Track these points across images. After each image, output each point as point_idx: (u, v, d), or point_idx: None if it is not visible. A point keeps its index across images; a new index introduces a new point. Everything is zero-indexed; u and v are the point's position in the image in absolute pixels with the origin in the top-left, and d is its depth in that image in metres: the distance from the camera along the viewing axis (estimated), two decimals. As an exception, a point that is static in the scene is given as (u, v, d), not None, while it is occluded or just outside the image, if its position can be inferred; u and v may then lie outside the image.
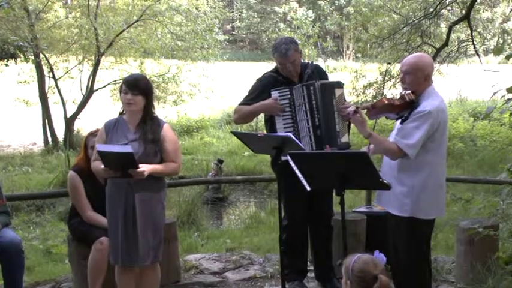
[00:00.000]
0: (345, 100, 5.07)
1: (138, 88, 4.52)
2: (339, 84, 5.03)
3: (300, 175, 4.21)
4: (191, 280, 5.86)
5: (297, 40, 5.27)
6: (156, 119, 4.66)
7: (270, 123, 5.19)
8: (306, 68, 5.23)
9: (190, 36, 19.13)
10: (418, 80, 4.25)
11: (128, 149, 4.34)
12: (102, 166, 4.42)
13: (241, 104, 5.29)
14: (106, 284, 4.93)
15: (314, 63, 5.48)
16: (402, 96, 4.29)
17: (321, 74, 5.27)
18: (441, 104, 4.24)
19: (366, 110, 4.38)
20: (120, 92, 4.61)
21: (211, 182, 11.92)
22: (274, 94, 5.04)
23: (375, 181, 3.87)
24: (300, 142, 4.80)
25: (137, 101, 4.52)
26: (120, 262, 4.58)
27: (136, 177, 4.40)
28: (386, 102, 4.34)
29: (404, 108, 4.27)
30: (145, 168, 4.40)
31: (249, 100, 5.24)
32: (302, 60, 5.30)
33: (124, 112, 4.68)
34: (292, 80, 5.16)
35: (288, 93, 5.01)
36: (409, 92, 4.26)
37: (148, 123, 4.58)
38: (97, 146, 4.45)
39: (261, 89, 5.22)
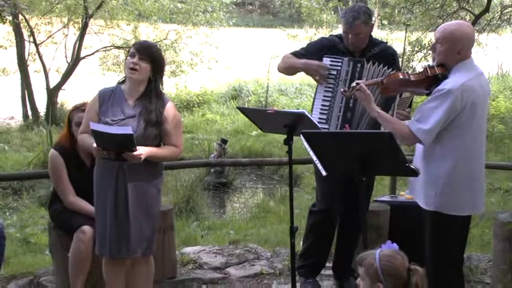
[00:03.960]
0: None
1: (147, 53, 4.52)
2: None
3: (314, 158, 4.22)
4: (188, 276, 5.89)
5: (370, 12, 5.24)
6: (161, 97, 4.63)
7: None
8: (374, 45, 5.24)
9: (191, -2, 19.10)
10: (449, 52, 4.16)
11: (127, 130, 4.32)
12: (94, 145, 4.40)
13: (292, 52, 5.35)
14: (91, 279, 4.95)
15: (389, 45, 5.48)
16: (424, 70, 4.24)
17: (388, 58, 5.22)
18: (470, 81, 4.12)
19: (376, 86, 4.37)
20: (127, 57, 4.60)
21: (212, 165, 11.90)
22: (326, 61, 5.11)
23: (400, 166, 3.87)
24: (330, 120, 4.85)
25: (143, 68, 4.50)
26: (108, 254, 4.59)
27: (131, 161, 4.39)
28: (401, 76, 4.30)
29: (429, 84, 4.22)
30: (142, 151, 4.39)
31: (300, 52, 5.32)
32: (375, 38, 5.35)
33: (122, 81, 4.65)
34: (353, 53, 5.18)
35: (340, 64, 5.08)
36: (433, 65, 4.21)
37: (153, 101, 4.55)
38: (91, 125, 4.41)
39: (316, 48, 5.29)
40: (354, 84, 4.35)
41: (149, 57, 4.52)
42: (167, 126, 4.58)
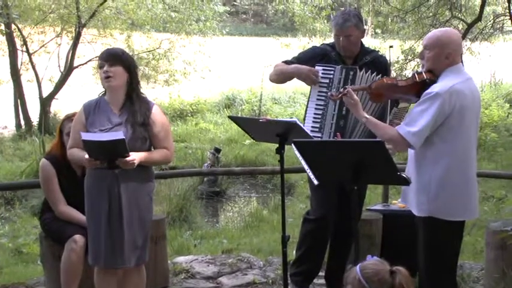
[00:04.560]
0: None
1: (116, 58, 4.52)
2: None
3: (306, 167, 4.22)
4: (181, 285, 5.89)
5: (361, 17, 5.28)
6: (145, 99, 4.64)
7: None
8: (366, 53, 5.28)
9: (184, 7, 19.12)
10: (437, 57, 4.20)
11: (118, 135, 4.32)
12: (86, 156, 4.39)
13: (284, 61, 5.38)
14: (83, 287, 4.93)
15: (380, 53, 5.51)
16: (412, 76, 4.27)
17: (380, 67, 5.23)
18: (459, 85, 4.13)
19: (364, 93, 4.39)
20: (99, 72, 4.59)
21: (205, 174, 11.91)
22: (318, 69, 5.12)
23: (392, 175, 3.87)
24: (323, 128, 4.86)
25: (116, 73, 4.49)
26: (103, 264, 4.57)
27: (124, 167, 4.39)
28: (386, 81, 4.33)
29: (414, 90, 4.24)
30: (135, 156, 4.39)
31: (291, 61, 5.35)
32: (366, 46, 5.37)
33: (104, 93, 4.65)
34: (345, 61, 5.20)
35: (332, 72, 5.09)
36: (421, 71, 4.24)
37: (136, 103, 4.55)
38: (82, 135, 4.40)
39: (308, 57, 5.32)
40: (341, 89, 4.36)
41: (118, 61, 4.51)
42: (156, 129, 4.58)
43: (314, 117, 5.13)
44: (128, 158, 4.35)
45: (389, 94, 4.38)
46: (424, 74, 4.23)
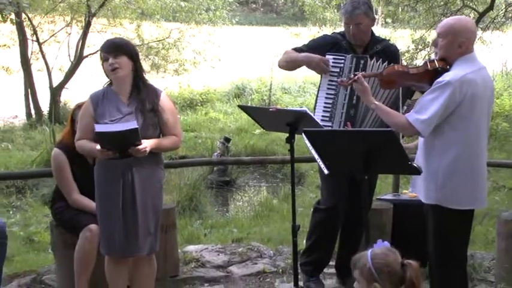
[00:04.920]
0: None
1: (119, 49, 4.49)
2: None
3: (316, 156, 4.22)
4: (191, 274, 5.89)
5: (371, 5, 5.23)
6: (152, 86, 4.64)
7: None
8: (376, 42, 5.25)
9: (194, -4, 19.10)
10: (450, 45, 4.17)
11: (132, 124, 4.31)
12: (98, 147, 4.37)
13: (294, 48, 5.34)
14: (94, 277, 4.95)
15: (391, 42, 5.47)
16: (424, 64, 4.25)
17: (391, 56, 5.19)
18: (471, 74, 4.12)
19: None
20: (102, 64, 4.55)
21: (214, 163, 11.93)
22: (329, 57, 5.10)
23: (403, 164, 3.87)
24: (333, 118, 4.85)
25: (122, 63, 4.47)
26: (118, 253, 4.58)
27: (137, 155, 4.39)
28: (397, 69, 4.31)
29: (426, 78, 4.22)
30: (146, 144, 4.39)
31: (301, 48, 5.31)
32: (377, 35, 5.34)
33: (110, 83, 4.64)
34: (355, 50, 5.17)
35: (343, 61, 5.06)
36: (434, 59, 4.22)
37: (144, 91, 4.55)
38: (95, 127, 4.37)
39: (318, 45, 5.29)
40: (351, 75, 4.33)
41: (122, 51, 4.49)
42: (165, 116, 4.57)
43: (324, 107, 5.12)
44: (140, 146, 4.34)
45: (401, 81, 4.37)
46: (436, 62, 4.20)
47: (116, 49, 4.49)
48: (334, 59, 5.10)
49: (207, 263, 6.17)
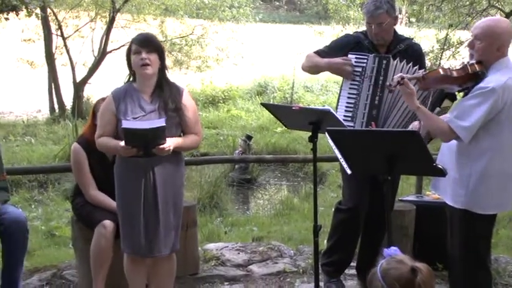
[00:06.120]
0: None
1: (152, 45, 4.45)
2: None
3: (339, 156, 4.18)
4: (211, 272, 5.87)
5: (393, 3, 5.15)
6: (174, 84, 4.60)
7: None
8: (399, 41, 5.18)
9: (218, -7, 19.10)
10: (489, 48, 4.07)
11: (160, 122, 4.28)
12: (122, 144, 4.32)
13: (315, 51, 5.30)
14: (112, 273, 4.93)
15: (415, 41, 5.40)
16: (464, 67, 4.16)
17: (415, 56, 5.14)
18: (509, 80, 4.01)
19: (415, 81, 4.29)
20: (128, 56, 4.50)
21: (236, 161, 11.90)
22: (351, 57, 5.06)
23: (427, 166, 3.81)
24: (355, 118, 4.80)
25: (153, 60, 4.42)
26: (141, 253, 4.56)
27: (160, 154, 4.35)
28: (441, 73, 4.23)
29: (466, 81, 4.16)
30: (169, 143, 4.35)
31: (324, 51, 5.27)
32: (400, 34, 5.27)
33: (130, 80, 4.59)
34: (378, 49, 5.12)
35: (365, 61, 5.01)
36: (473, 62, 4.13)
37: (166, 90, 4.50)
38: (123, 123, 4.34)
39: (341, 46, 5.26)
40: (398, 78, 4.25)
41: (154, 49, 4.44)
42: (187, 114, 4.53)
43: (346, 106, 5.07)
44: (163, 145, 4.31)
45: (440, 84, 4.30)
46: (475, 65, 4.12)
47: (149, 44, 4.44)
48: (356, 58, 5.05)
49: (227, 262, 6.14)
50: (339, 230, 5.34)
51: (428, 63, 15.81)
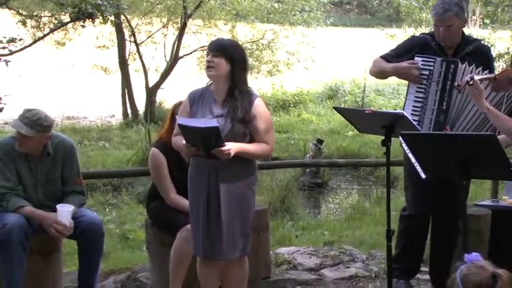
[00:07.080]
0: None
1: (219, 49, 4.44)
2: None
3: (414, 160, 4.13)
4: (283, 276, 5.87)
5: (462, 5, 5.09)
6: (248, 93, 4.53)
7: None
8: (467, 43, 5.09)
9: (289, -2, 19.13)
10: None
11: (212, 122, 4.26)
12: (184, 142, 4.40)
13: (382, 56, 5.26)
14: (188, 276, 4.98)
15: (484, 43, 5.33)
16: None
17: (483, 57, 5.06)
18: None
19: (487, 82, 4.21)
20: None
21: (308, 165, 11.92)
22: (418, 60, 5.00)
23: (504, 170, 3.74)
24: (422, 122, 4.76)
25: (218, 64, 4.40)
26: (202, 254, 4.59)
27: (221, 157, 4.33)
28: None
29: None
30: (230, 146, 4.31)
31: (390, 55, 5.22)
32: (468, 35, 5.20)
33: (211, 83, 4.65)
34: (445, 51, 5.05)
35: (432, 64, 4.95)
36: None
37: (238, 98, 4.46)
38: (178, 119, 4.45)
39: (407, 48, 5.20)
40: (468, 78, 4.19)
41: (221, 52, 4.42)
42: (257, 123, 4.47)
43: (413, 110, 5.00)
44: (223, 148, 4.27)
45: (511, 85, 4.22)
46: None
47: (216, 48, 4.46)
48: (423, 61, 4.98)
49: (299, 266, 6.14)
50: (403, 238, 5.28)
51: (503, 65, 15.50)
